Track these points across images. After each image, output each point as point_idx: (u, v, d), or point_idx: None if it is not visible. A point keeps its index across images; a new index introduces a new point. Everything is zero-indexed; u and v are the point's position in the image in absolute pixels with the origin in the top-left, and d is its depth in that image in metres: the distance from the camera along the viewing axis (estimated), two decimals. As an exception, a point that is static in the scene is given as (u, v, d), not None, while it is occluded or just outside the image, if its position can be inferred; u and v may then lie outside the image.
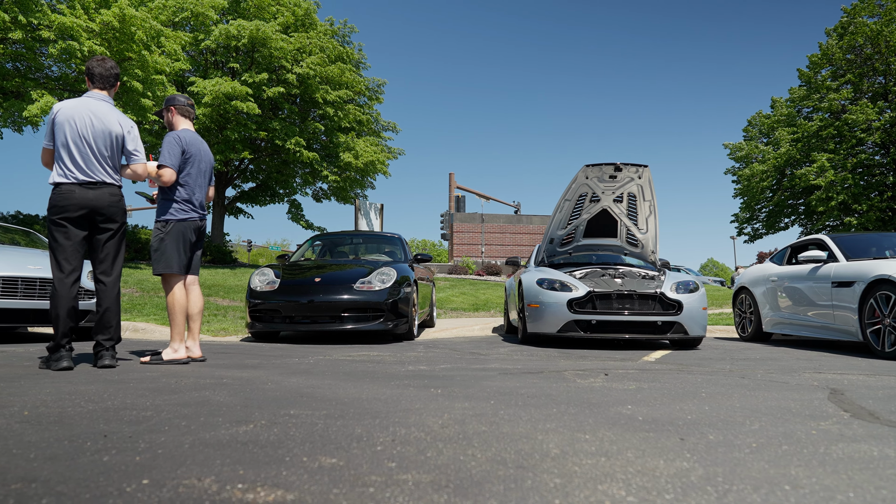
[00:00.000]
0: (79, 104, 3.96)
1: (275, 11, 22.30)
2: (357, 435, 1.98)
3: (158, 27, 15.67)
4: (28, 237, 7.72)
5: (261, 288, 6.64)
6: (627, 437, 1.99)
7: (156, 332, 7.39)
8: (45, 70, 15.66)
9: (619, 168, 6.81)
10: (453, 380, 3.45)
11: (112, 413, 2.32)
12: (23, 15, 12.94)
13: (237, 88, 18.69)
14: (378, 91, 25.95)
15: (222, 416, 2.26)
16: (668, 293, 6.20)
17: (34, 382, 3.17)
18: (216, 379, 3.39)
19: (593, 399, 2.78)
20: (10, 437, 1.90)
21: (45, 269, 5.99)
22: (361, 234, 9.90)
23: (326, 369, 3.96)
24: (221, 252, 20.49)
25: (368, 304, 6.40)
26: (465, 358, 4.95)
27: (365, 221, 25.03)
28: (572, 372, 3.91)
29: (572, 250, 7.98)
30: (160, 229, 4.34)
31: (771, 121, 31.24)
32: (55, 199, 3.84)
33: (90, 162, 3.90)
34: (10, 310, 5.77)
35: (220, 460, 1.64)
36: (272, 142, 21.42)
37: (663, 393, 3.00)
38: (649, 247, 7.79)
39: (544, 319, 6.23)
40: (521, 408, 2.52)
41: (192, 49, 20.85)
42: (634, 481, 1.51)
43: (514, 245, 27.60)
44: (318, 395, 2.84)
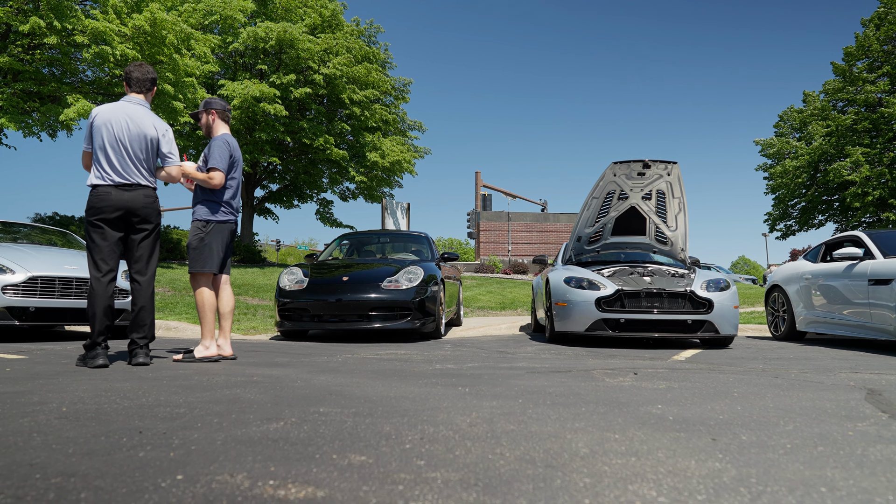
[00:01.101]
0: (116, 108, 4.05)
1: (302, 13, 22.52)
2: (386, 433, 1.99)
3: (188, 30, 15.93)
4: (65, 238, 7.91)
5: (289, 287, 6.71)
6: (658, 436, 1.97)
7: (188, 330, 7.52)
8: (79, 74, 16.02)
9: (647, 165, 6.73)
10: (481, 378, 3.45)
11: (146, 410, 2.36)
12: (58, 20, 13.26)
13: (265, 91, 18.91)
14: (404, 90, 26.04)
15: (253, 414, 2.29)
16: (699, 291, 6.11)
17: (72, 379, 3.25)
18: (247, 377, 3.44)
19: (622, 398, 2.75)
20: (49, 432, 1.95)
21: (81, 269, 6.13)
22: (388, 233, 9.94)
23: (355, 367, 3.99)
24: (251, 252, 20.76)
25: (396, 302, 6.43)
26: (493, 356, 4.94)
27: (392, 220, 25.13)
28: (601, 371, 3.88)
29: (600, 248, 7.92)
30: (200, 229, 4.40)
31: (803, 115, 30.59)
32: (92, 201, 3.93)
33: (126, 164, 3.98)
34: (47, 308, 5.92)
35: (252, 457, 1.67)
36: (300, 142, 21.62)
37: (694, 392, 2.96)
38: (679, 244, 7.69)
39: (572, 318, 6.19)
40: (549, 407, 2.51)
41: (221, 51, 21.15)
42: (666, 482, 1.49)
43: (541, 243, 27.46)
44: (346, 393, 2.86)
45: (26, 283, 5.80)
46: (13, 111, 13.88)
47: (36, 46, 14.55)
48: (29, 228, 8.21)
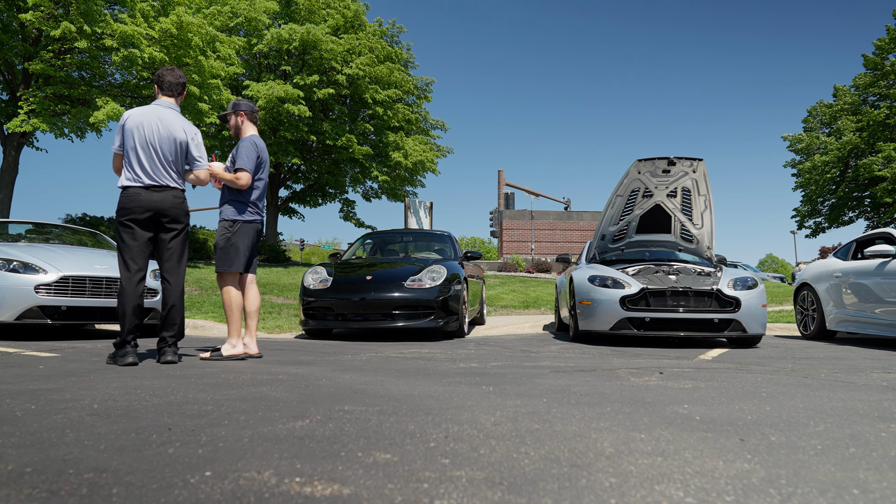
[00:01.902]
0: (147, 111, 4.13)
1: (325, 14, 22.67)
2: (410, 431, 2.00)
3: (214, 32, 16.14)
4: (95, 238, 8.07)
5: (314, 286, 6.76)
6: (684, 436, 1.95)
7: (214, 329, 7.62)
8: (108, 78, 16.32)
9: (672, 162, 6.66)
10: (505, 377, 3.44)
11: (175, 407, 2.40)
12: (87, 25, 13.52)
13: (289, 92, 19.08)
14: (426, 90, 26.09)
15: (279, 412, 2.32)
16: (726, 290, 6.03)
17: (102, 377, 3.31)
18: (272, 375, 3.48)
19: (648, 398, 2.73)
20: (82, 428, 1.99)
21: (111, 269, 6.25)
22: (412, 232, 9.97)
23: (379, 366, 4.01)
24: (275, 251, 20.96)
25: (419, 301, 6.45)
26: (517, 355, 4.93)
27: (414, 219, 25.19)
28: (626, 370, 3.85)
29: (625, 247, 7.85)
30: (228, 229, 4.46)
31: (833, 110, 30.00)
32: (123, 202, 4.01)
33: (156, 167, 4.06)
34: (78, 307, 6.05)
35: (278, 454, 1.69)
36: (323, 142, 21.78)
37: (721, 392, 2.92)
38: (705, 242, 7.59)
39: (596, 317, 6.15)
40: (573, 406, 2.50)
41: (246, 53, 21.40)
42: (693, 482, 1.47)
43: (565, 242, 27.31)
44: (371, 391, 2.87)
45: (58, 283, 5.92)
46: (45, 114, 14.19)
47: (66, 51, 14.86)
48: (60, 229, 8.39)
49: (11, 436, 1.87)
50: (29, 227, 8.27)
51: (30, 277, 5.85)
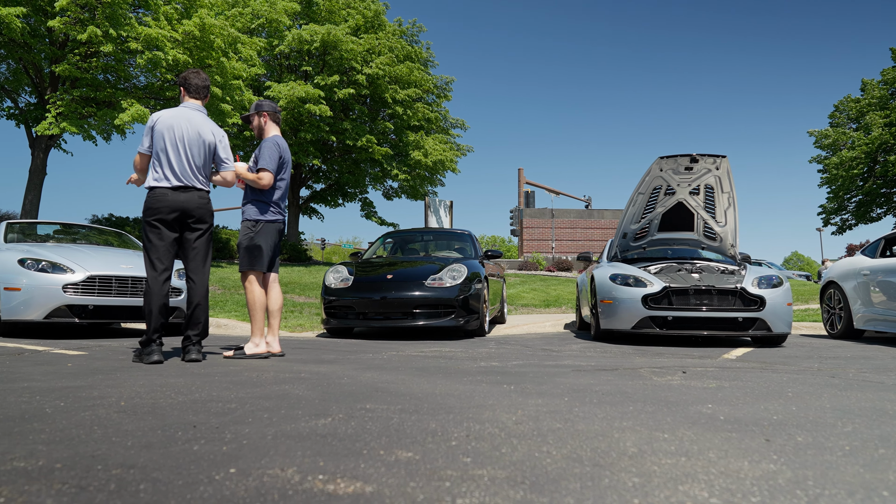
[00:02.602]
0: (177, 113, 4.19)
1: (345, 14, 22.79)
2: (432, 430, 2.00)
3: (235, 34, 16.29)
4: (120, 238, 8.20)
5: (335, 285, 6.81)
6: (708, 436, 1.93)
7: (237, 327, 7.70)
8: (132, 80, 16.57)
9: (695, 159, 6.58)
10: (526, 376, 3.43)
11: (200, 405, 2.43)
12: (113, 28, 13.73)
13: (310, 92, 19.20)
14: (446, 88, 26.09)
15: (302, 409, 2.34)
16: (750, 288, 5.95)
17: (129, 375, 3.37)
18: (295, 373, 3.51)
19: (671, 397, 2.70)
20: (109, 425, 2.03)
21: (137, 269, 6.34)
22: (432, 231, 9.98)
23: (400, 365, 4.02)
24: (297, 250, 21.11)
25: (440, 300, 6.46)
26: (537, 354, 4.92)
27: (435, 218, 25.21)
28: (648, 369, 3.82)
29: (646, 245, 7.78)
30: (250, 228, 4.50)
31: (861, 104, 29.43)
32: (150, 202, 4.07)
33: (184, 168, 4.11)
34: (105, 306, 6.15)
35: (301, 452, 1.70)
36: (343, 142, 21.90)
37: (746, 392, 2.88)
38: (728, 240, 7.50)
39: (618, 316, 6.11)
40: (595, 405, 2.48)
41: (267, 54, 21.58)
42: (718, 482, 1.46)
43: (586, 240, 27.15)
44: (392, 389, 2.88)
45: (85, 282, 6.03)
46: (72, 117, 14.44)
47: (92, 54, 15.10)
48: (87, 229, 8.54)
49: (41, 432, 1.91)
50: (57, 228, 8.43)
51: (58, 277, 5.96)
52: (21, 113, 16.54)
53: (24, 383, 2.98)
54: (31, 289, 5.86)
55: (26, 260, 6.01)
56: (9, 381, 3.08)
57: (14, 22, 13.13)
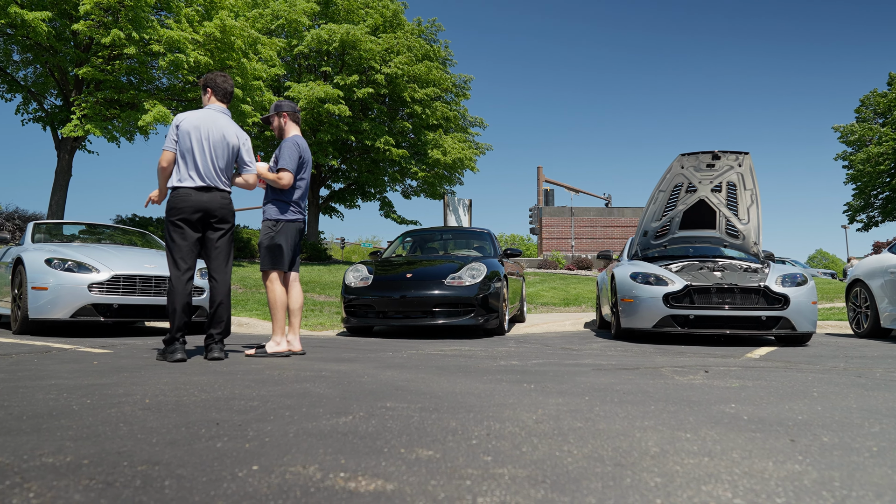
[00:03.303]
0: (202, 115, 4.24)
1: (364, 14, 22.88)
2: (452, 428, 2.00)
3: (255, 35, 16.44)
4: (144, 238, 8.31)
5: (355, 284, 6.84)
6: (732, 436, 1.91)
7: (258, 326, 7.77)
8: (155, 82, 16.80)
9: (717, 156, 6.51)
10: (546, 375, 3.42)
11: (223, 402, 2.46)
12: (135, 31, 13.93)
13: (329, 92, 19.31)
14: (465, 87, 26.08)
15: (323, 408, 2.35)
16: (773, 286, 5.87)
17: (153, 373, 3.41)
18: (315, 371, 3.53)
19: (693, 397, 2.68)
20: (134, 422, 2.06)
21: (160, 268, 6.43)
22: (451, 229, 9.99)
23: (419, 363, 4.03)
24: (317, 250, 21.26)
25: (459, 299, 6.46)
26: (557, 353, 4.90)
27: (454, 217, 25.22)
28: (669, 368, 3.79)
29: (667, 243, 7.71)
30: (271, 228, 4.54)
31: (888, 99, 28.89)
32: (173, 202, 4.12)
33: (208, 169, 4.16)
34: (129, 305, 6.24)
35: (323, 449, 1.71)
36: (362, 142, 21.99)
37: (770, 392, 2.85)
38: (751, 238, 7.40)
39: (638, 314, 6.06)
40: (616, 404, 2.47)
41: (287, 54, 21.73)
42: (741, 483, 1.44)
43: (606, 238, 26.97)
44: (412, 388, 2.89)
45: (110, 282, 6.12)
46: (97, 118, 14.67)
47: (116, 57, 15.33)
48: (111, 229, 8.67)
49: (69, 429, 1.95)
50: (82, 228, 8.57)
51: (83, 276, 6.06)
52: (47, 115, 16.85)
53: (52, 381, 3.04)
54: (57, 288, 5.96)
55: (53, 260, 6.12)
56: (37, 378, 3.14)
57: (40, 26, 13.37)
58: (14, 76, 16.90)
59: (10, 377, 3.17)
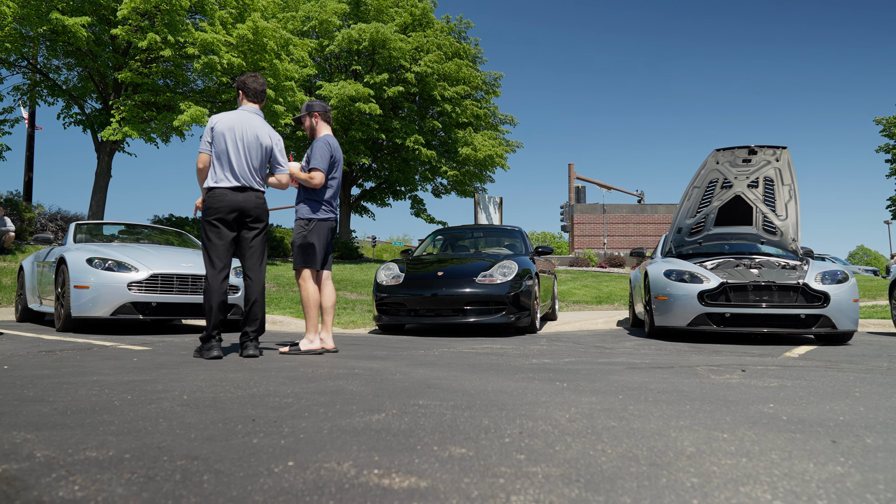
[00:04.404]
0: (236, 116, 4.31)
1: (393, 13, 22.96)
2: (485, 426, 2.00)
3: (287, 36, 16.63)
4: (181, 238, 8.48)
5: (386, 282, 6.88)
6: (771, 437, 1.87)
7: (291, 324, 7.87)
8: (189, 84, 17.11)
9: (753, 151, 6.38)
10: (579, 373, 3.40)
11: (258, 399, 2.50)
12: (171, 35, 14.22)
13: (360, 90, 19.44)
14: (495, 84, 25.99)
15: (356, 405, 2.37)
16: (813, 284, 5.73)
17: (190, 370, 3.48)
18: (348, 369, 3.56)
19: (730, 396, 2.63)
20: (173, 418, 2.10)
21: (196, 267, 6.55)
22: (482, 227, 9.97)
23: (451, 361, 4.03)
24: (348, 248, 21.42)
25: (490, 297, 6.45)
26: (590, 351, 4.86)
27: (484, 215, 25.17)
28: (705, 367, 3.73)
29: (702, 240, 7.59)
30: (304, 227, 4.59)
31: (933, 90, 27.88)
32: (210, 202, 4.20)
33: (243, 170, 4.23)
34: (167, 303, 6.38)
35: (357, 446, 1.73)
36: (392, 141, 22.09)
37: (810, 391, 2.78)
38: (789, 234, 7.24)
39: (673, 312, 5.98)
40: (651, 403, 2.44)
41: (318, 55, 21.92)
42: (781, 484, 1.41)
43: (638, 235, 26.64)
44: (444, 386, 2.90)
45: (148, 280, 6.26)
46: (134, 121, 15.02)
47: (152, 60, 15.66)
48: (149, 229, 8.87)
49: (111, 424, 2.00)
50: (121, 228, 8.78)
51: (123, 275, 6.21)
52: (87, 118, 17.29)
53: (94, 377, 3.12)
54: (98, 287, 6.12)
55: (94, 259, 6.28)
56: (80, 374, 3.23)
57: (80, 31, 13.73)
58: (56, 81, 17.38)
59: (54, 373, 3.26)
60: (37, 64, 17.04)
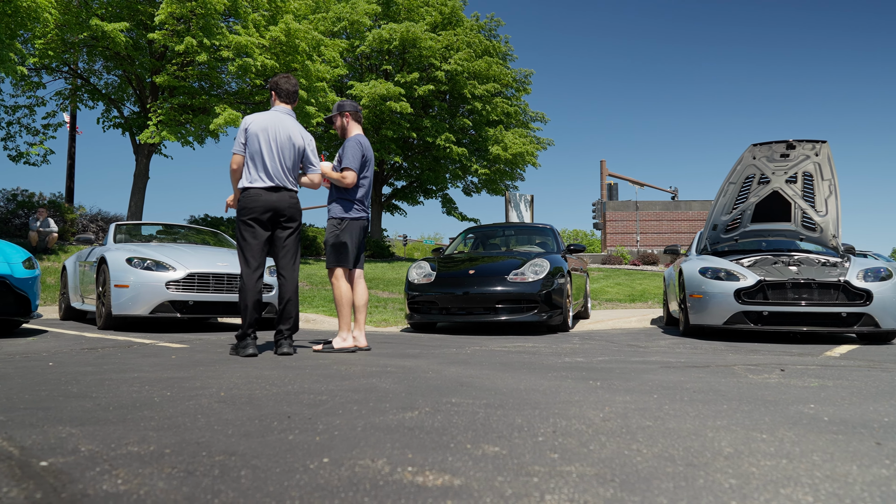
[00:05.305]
0: (269, 117, 4.37)
1: (423, 12, 23.01)
2: (518, 425, 2.00)
3: (319, 37, 16.80)
4: (216, 237, 8.63)
5: (418, 280, 6.90)
6: (811, 438, 1.83)
7: (324, 322, 7.95)
8: (224, 86, 17.40)
9: (791, 145, 6.23)
10: (612, 372, 3.37)
11: (293, 396, 2.53)
12: (206, 38, 14.49)
13: (391, 90, 19.53)
14: (525, 82, 25.86)
15: (389, 403, 2.39)
16: (855, 281, 5.58)
17: (226, 367, 3.55)
18: (381, 367, 3.59)
19: (768, 396, 2.58)
20: (211, 414, 2.15)
21: (231, 266, 6.66)
22: (513, 225, 9.93)
23: (483, 359, 4.03)
24: (380, 247, 21.54)
25: (522, 295, 6.42)
26: (624, 350, 4.81)
27: (515, 213, 25.06)
28: (742, 367, 3.66)
29: (738, 237, 7.44)
30: (336, 226, 4.64)
31: (982, 80, 26.89)
32: (244, 202, 4.27)
33: (277, 170, 4.29)
34: (203, 302, 6.50)
35: (390, 444, 1.74)
36: (423, 140, 22.15)
37: (852, 392, 2.71)
38: (830, 230, 7.05)
39: (708, 310, 5.88)
40: (686, 403, 2.40)
41: (349, 55, 22.09)
42: (823, 487, 1.38)
43: (672, 233, 26.25)
44: (476, 384, 2.90)
45: (185, 279, 6.39)
46: (171, 124, 15.34)
47: (188, 63, 15.97)
48: (186, 229, 9.05)
49: (151, 419, 2.05)
50: (159, 228, 8.98)
51: (161, 275, 6.35)
52: (126, 122, 17.72)
53: (135, 374, 3.20)
54: (137, 286, 6.27)
55: (133, 259, 6.44)
56: (121, 371, 3.31)
57: (119, 36, 14.08)
58: (96, 86, 17.84)
59: (97, 370, 3.35)
60: (77, 69, 17.52)
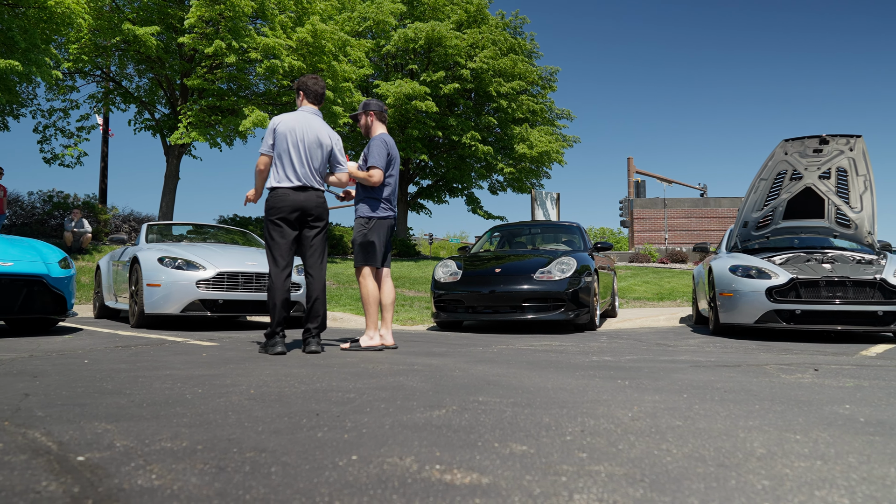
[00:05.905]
0: (297, 117, 4.42)
1: (448, 11, 23.02)
2: (545, 424, 1.99)
3: (345, 37, 16.91)
4: (245, 237, 8.75)
5: (444, 279, 6.91)
6: (847, 439, 1.79)
7: (352, 321, 8.00)
8: (251, 88, 17.62)
9: (825, 141, 6.10)
10: (641, 371, 3.33)
11: (321, 394, 2.56)
12: (235, 40, 14.69)
13: (417, 89, 19.58)
14: (551, 79, 25.72)
15: (416, 401, 2.40)
16: (891, 279, 5.44)
17: (256, 365, 3.60)
18: (408, 365, 3.60)
19: (802, 396, 2.53)
20: (241, 411, 2.18)
21: (260, 265, 6.75)
22: (539, 223, 9.88)
23: (510, 358, 4.02)
24: (406, 246, 21.62)
25: (548, 293, 6.39)
26: (652, 349, 4.75)
27: (541, 211, 24.95)
28: (774, 366, 3.59)
29: (770, 234, 7.30)
30: (364, 225, 4.67)
31: None
32: (272, 202, 4.32)
33: (304, 169, 4.34)
34: (233, 301, 6.59)
35: (418, 442, 1.75)
36: (449, 138, 22.16)
37: (889, 392, 2.64)
38: (865, 227, 6.88)
39: (739, 309, 5.78)
40: (717, 403, 2.37)
41: (374, 55, 22.20)
42: (860, 489, 1.35)
43: (701, 230, 25.87)
44: (504, 383, 2.89)
45: (215, 278, 6.49)
46: (200, 126, 15.58)
47: (217, 66, 16.20)
48: (215, 229, 9.18)
49: (184, 416, 2.09)
50: (189, 228, 9.13)
51: (192, 274, 6.45)
52: (157, 124, 18.04)
53: (167, 371, 3.26)
54: (169, 285, 6.38)
55: (164, 258, 6.56)
56: (154, 368, 3.38)
57: (150, 40, 14.35)
58: (128, 89, 18.20)
59: (131, 367, 3.42)
60: (110, 73, 17.89)
